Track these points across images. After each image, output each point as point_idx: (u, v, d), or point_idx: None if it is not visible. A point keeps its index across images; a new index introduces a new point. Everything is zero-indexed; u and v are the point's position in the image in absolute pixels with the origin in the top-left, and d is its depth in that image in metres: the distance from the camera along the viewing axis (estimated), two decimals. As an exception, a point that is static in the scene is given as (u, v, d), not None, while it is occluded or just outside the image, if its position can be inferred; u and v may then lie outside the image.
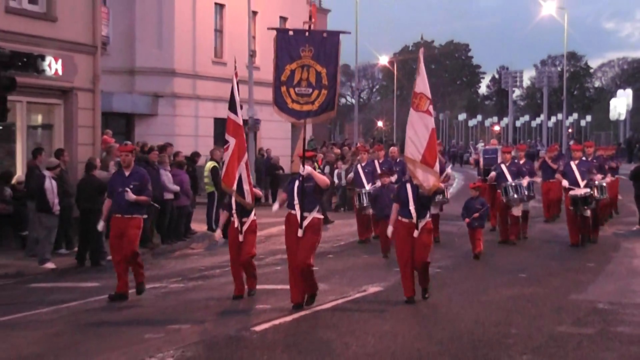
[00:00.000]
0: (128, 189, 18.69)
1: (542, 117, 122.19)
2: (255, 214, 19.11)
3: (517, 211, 26.49)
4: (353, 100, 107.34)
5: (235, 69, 19.63)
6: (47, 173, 24.48)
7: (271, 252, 26.31)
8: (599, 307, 18.30)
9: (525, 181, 26.63)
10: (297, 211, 17.12)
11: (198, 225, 31.63)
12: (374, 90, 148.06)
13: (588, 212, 25.40)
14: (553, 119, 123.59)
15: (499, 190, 26.99)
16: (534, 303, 18.63)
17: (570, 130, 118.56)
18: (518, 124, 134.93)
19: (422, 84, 18.28)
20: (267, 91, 47.29)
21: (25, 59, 27.35)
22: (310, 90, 17.28)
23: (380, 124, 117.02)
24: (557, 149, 34.46)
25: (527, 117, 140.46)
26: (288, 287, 17.69)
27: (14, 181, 27.34)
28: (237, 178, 18.17)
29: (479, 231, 24.47)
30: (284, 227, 17.96)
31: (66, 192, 24.67)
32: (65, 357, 14.13)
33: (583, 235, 25.99)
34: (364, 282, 20.71)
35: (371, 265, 23.77)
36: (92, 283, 21.90)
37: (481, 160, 33.08)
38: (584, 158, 26.71)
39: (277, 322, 16.62)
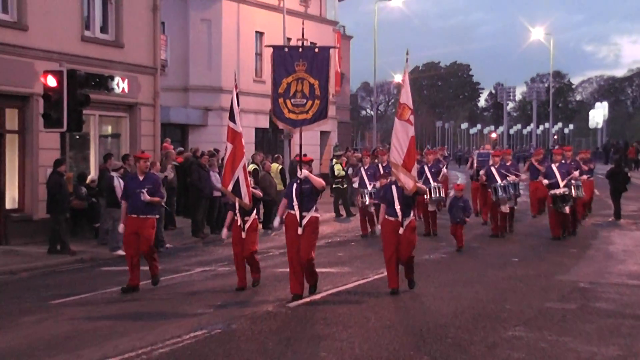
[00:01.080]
0: (143, 191, 17.99)
1: (532, 125, 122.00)
2: (256, 214, 18.48)
3: (505, 208, 26.16)
4: (372, 112, 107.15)
5: (235, 81, 19.37)
6: (114, 174, 24.68)
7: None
8: (580, 286, 18.38)
9: (511, 178, 26.20)
10: (296, 211, 16.54)
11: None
12: (390, 103, 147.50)
13: (567, 209, 25.11)
14: (541, 127, 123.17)
15: (489, 190, 26.73)
16: (524, 283, 18.71)
17: (555, 137, 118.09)
18: (512, 131, 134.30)
19: (405, 96, 17.83)
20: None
21: (97, 80, 27.67)
22: (305, 100, 16.80)
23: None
24: (543, 153, 34.15)
25: (519, 126, 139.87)
26: (319, 270, 17.70)
27: (88, 181, 27.46)
28: (233, 180, 17.50)
29: (460, 226, 23.62)
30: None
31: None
32: (132, 328, 14.23)
33: (563, 228, 25.71)
34: (382, 266, 20.76)
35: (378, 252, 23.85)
36: None
37: (475, 162, 33.13)
38: (563, 161, 26.44)
39: (308, 299, 16.76)
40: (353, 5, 61.72)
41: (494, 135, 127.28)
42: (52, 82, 23.83)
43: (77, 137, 27.87)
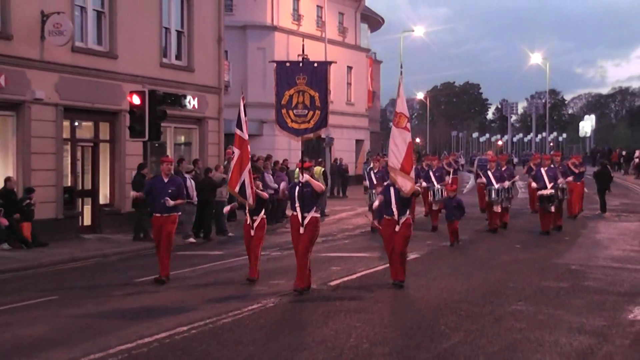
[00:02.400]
0: (167, 198, 16.75)
1: (532, 134, 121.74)
2: (264, 213, 16.99)
3: (497, 208, 25.14)
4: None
5: (242, 94, 18.43)
6: (187, 175, 24.82)
7: (341, 230, 26.23)
8: (572, 268, 18.31)
9: (506, 184, 25.30)
10: (298, 212, 15.28)
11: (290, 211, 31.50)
12: (413, 117, 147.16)
13: (552, 208, 24.34)
14: (539, 136, 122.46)
15: (485, 191, 25.96)
16: (525, 265, 18.64)
17: (551, 144, 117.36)
18: (515, 139, 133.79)
19: (401, 105, 16.39)
20: (339, 118, 47.54)
21: (173, 98, 27.79)
22: (306, 111, 15.75)
23: (418, 140, 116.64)
24: (539, 157, 33.73)
25: (521, 135, 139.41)
26: (355, 254, 17.75)
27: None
28: (240, 183, 16.26)
29: (455, 223, 22.09)
30: (351, 212, 18.10)
31: (207, 188, 25.02)
32: (205, 303, 14.31)
33: (548, 226, 24.59)
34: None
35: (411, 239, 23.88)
36: (217, 252, 21.93)
37: (475, 166, 32.83)
38: (552, 165, 25.71)
39: (346, 278, 16.79)
40: (382, 34, 61.79)
41: (500, 142, 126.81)
42: (136, 100, 24.05)
43: (157, 145, 28.04)
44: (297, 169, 31.48)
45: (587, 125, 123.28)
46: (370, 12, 60.01)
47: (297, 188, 15.48)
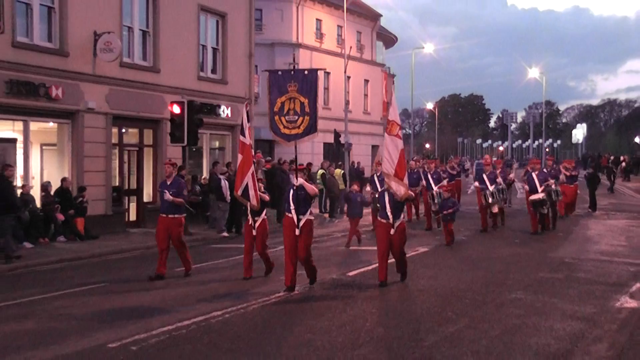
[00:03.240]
0: (166, 191, 16.14)
1: (529, 141, 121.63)
2: (266, 215, 16.21)
3: (494, 209, 24.58)
4: (410, 131, 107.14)
5: (245, 102, 17.47)
6: (221, 176, 24.95)
7: (359, 226, 26.24)
8: (566, 261, 18.23)
9: (500, 186, 24.36)
10: (293, 214, 14.31)
11: (314, 209, 31.49)
12: (424, 124, 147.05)
13: (545, 210, 23.76)
14: (536, 142, 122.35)
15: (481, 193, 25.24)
16: (524, 258, 18.63)
17: (547, 149, 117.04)
18: (514, 145, 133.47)
19: (393, 113, 15.55)
20: (356, 125, 47.56)
21: (208, 108, 28.00)
22: (297, 117, 14.72)
23: (427, 145, 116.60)
24: (537, 162, 33.41)
25: (520, 141, 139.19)
26: (371, 248, 17.72)
27: (201, 180, 27.84)
28: (243, 186, 15.43)
29: (450, 224, 21.28)
30: (367, 209, 18.00)
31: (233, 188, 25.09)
32: (236, 291, 14.44)
33: (543, 225, 24.03)
34: (416, 245, 20.79)
35: (419, 235, 23.88)
36: None
37: (474, 170, 32.44)
38: (545, 170, 25.27)
39: (363, 269, 16.75)
40: (396, 51, 61.70)
41: (501, 148, 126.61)
42: (176, 109, 24.20)
43: (194, 149, 28.18)
44: (320, 171, 31.63)
45: (579, 133, 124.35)
46: (385, 31, 60.00)
47: (292, 191, 14.54)
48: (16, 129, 22.61)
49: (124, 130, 26.02)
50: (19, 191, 20.41)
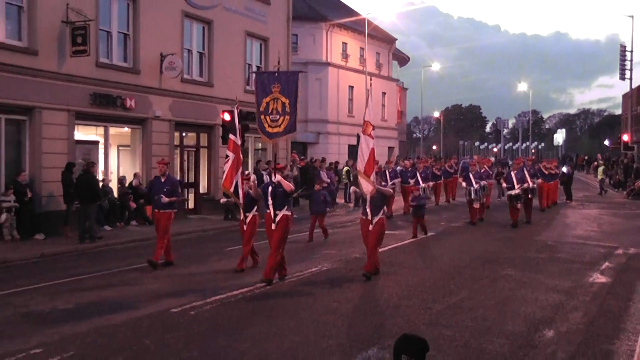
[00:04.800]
0: (162, 195, 14.56)
1: (519, 144, 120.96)
2: (256, 211, 14.33)
3: (476, 204, 22.41)
4: (420, 135, 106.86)
5: (237, 104, 15.80)
6: (263, 172, 25.01)
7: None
8: (548, 243, 18.17)
9: (483, 182, 22.91)
10: (271, 210, 12.93)
11: (340, 199, 31.69)
12: (431, 129, 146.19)
13: (519, 205, 22.13)
14: (524, 144, 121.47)
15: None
16: (513, 241, 18.57)
17: (533, 151, 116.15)
18: (506, 147, 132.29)
19: (368, 113, 13.82)
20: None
21: (253, 115, 27.71)
22: (278, 116, 13.39)
23: (434, 147, 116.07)
24: (522, 161, 32.67)
25: (511, 144, 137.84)
26: (388, 232, 17.68)
27: (246, 175, 27.91)
28: (234, 183, 13.90)
29: (419, 219, 19.26)
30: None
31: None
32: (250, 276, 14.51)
33: (515, 218, 21.95)
34: (403, 232, 20.73)
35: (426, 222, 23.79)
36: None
37: (460, 169, 31.66)
38: (526, 169, 23.39)
39: (381, 250, 16.68)
40: (408, 69, 61.53)
41: (495, 149, 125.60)
42: (227, 117, 24.18)
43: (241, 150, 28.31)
44: (345, 167, 31.60)
45: (559, 137, 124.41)
46: (399, 52, 59.74)
47: (270, 188, 13.11)
48: (98, 133, 22.84)
49: (184, 134, 26.16)
50: (100, 184, 20.64)
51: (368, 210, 13.23)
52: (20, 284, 12.49)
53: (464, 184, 22.98)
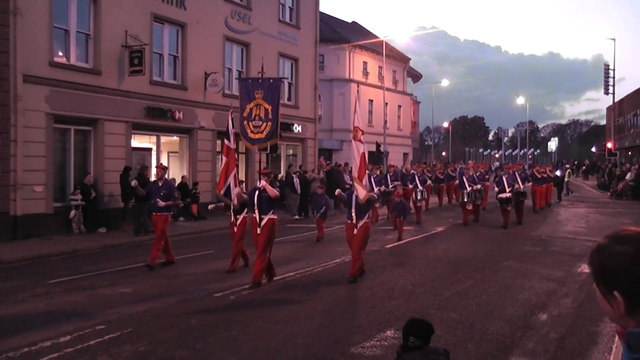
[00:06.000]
0: (158, 199, 13.40)
1: (517, 150, 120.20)
2: (246, 214, 12.93)
3: (469, 206, 21.33)
4: (431, 143, 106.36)
5: (230, 111, 14.33)
6: (294, 175, 25.10)
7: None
8: (543, 238, 18.03)
9: (477, 186, 21.50)
10: (256, 214, 11.60)
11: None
12: (441, 138, 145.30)
13: (508, 208, 20.56)
14: (522, 151, 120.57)
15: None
16: (512, 236, 18.40)
17: (530, 156, 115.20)
18: (506, 153, 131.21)
19: (357, 119, 12.46)
20: (393, 138, 47.34)
21: (285, 125, 28.03)
22: (261, 123, 12.25)
23: (443, 153, 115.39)
24: (521, 165, 32.13)
25: (510, 150, 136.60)
26: (407, 228, 17.71)
27: (279, 178, 28.02)
28: (226, 186, 12.66)
29: (400, 220, 17.77)
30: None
31: (305, 184, 25.21)
32: (307, 257, 14.43)
33: (506, 220, 20.69)
34: (435, 225, 20.68)
35: (429, 221, 23.73)
36: (312, 224, 19.76)
37: (457, 173, 31.08)
38: (517, 173, 22.38)
39: (397, 243, 16.70)
40: (421, 84, 61.24)
41: (497, 155, 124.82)
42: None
43: (274, 155, 28.38)
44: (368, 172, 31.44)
45: (552, 144, 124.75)
46: (413, 70, 59.51)
47: (257, 192, 11.71)
48: (151, 141, 23.11)
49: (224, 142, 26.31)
50: (152, 185, 20.84)
51: (353, 214, 11.95)
52: (86, 270, 12.72)
53: (456, 183, 22.09)
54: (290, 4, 30.24)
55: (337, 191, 13.37)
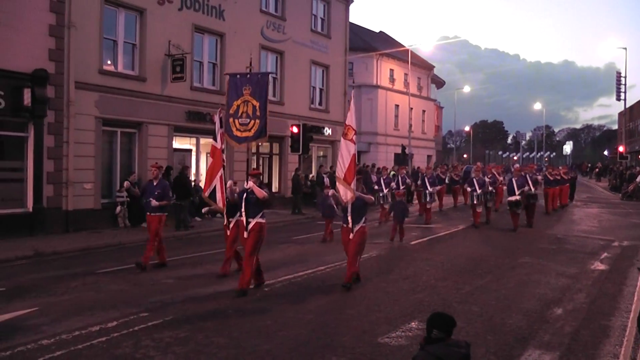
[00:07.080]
0: (152, 199, 12.37)
1: (534, 153, 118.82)
2: (240, 216, 10.58)
3: (479, 209, 20.22)
4: (453, 146, 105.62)
5: (219, 111, 11.87)
6: (324, 175, 25.18)
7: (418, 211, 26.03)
8: (558, 236, 17.88)
9: (479, 191, 19.93)
10: (244, 217, 10.26)
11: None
12: (462, 141, 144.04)
13: (518, 211, 19.41)
14: (539, 154, 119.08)
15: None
16: (527, 235, 18.27)
17: (546, 159, 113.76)
18: (524, 156, 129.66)
19: (350, 118, 11.04)
20: (417, 141, 47.10)
21: (316, 128, 28.10)
22: (248, 120, 11.37)
23: (465, 156, 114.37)
24: (535, 167, 31.55)
25: (528, 153, 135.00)
26: (428, 226, 17.62)
27: (310, 177, 28.12)
28: (211, 188, 11.40)
29: (399, 223, 16.51)
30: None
31: (335, 183, 25.16)
32: (332, 253, 14.37)
33: (515, 224, 19.39)
34: (457, 223, 20.54)
35: (453, 219, 23.55)
36: (337, 222, 21.47)
37: (462, 174, 30.62)
38: (529, 175, 21.17)
39: (421, 240, 16.62)
40: (444, 90, 60.61)
41: (515, 158, 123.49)
42: (295, 129, 24.54)
43: (306, 157, 28.42)
44: (392, 172, 31.32)
45: (567, 148, 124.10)
46: (437, 77, 59.13)
47: (244, 195, 10.38)
48: (191, 143, 23.35)
49: (260, 144, 26.44)
50: (192, 183, 21.10)
51: (349, 218, 10.78)
52: (130, 262, 12.90)
53: (468, 189, 20.74)
54: (322, 15, 30.30)
55: (331, 192, 12.48)
